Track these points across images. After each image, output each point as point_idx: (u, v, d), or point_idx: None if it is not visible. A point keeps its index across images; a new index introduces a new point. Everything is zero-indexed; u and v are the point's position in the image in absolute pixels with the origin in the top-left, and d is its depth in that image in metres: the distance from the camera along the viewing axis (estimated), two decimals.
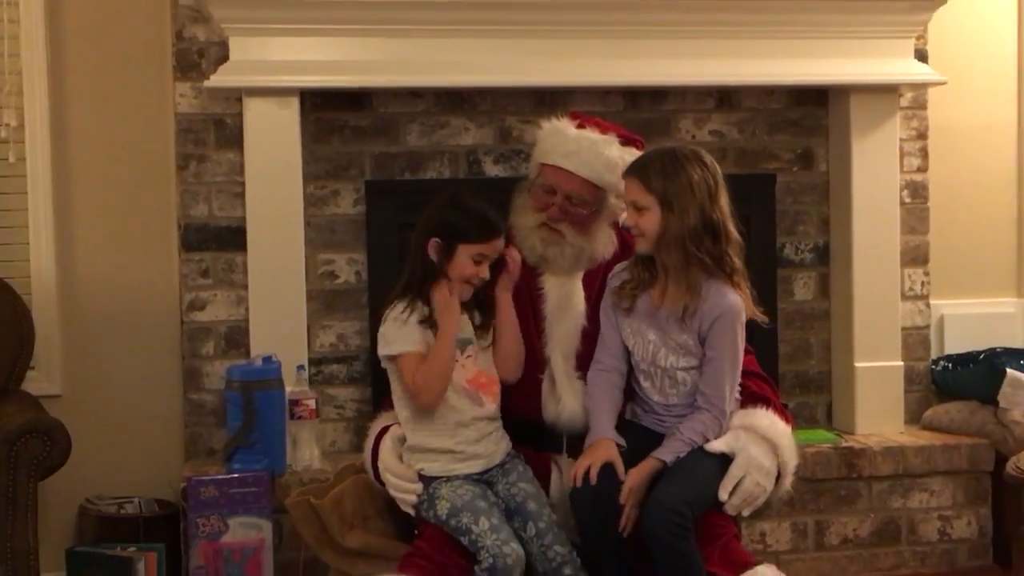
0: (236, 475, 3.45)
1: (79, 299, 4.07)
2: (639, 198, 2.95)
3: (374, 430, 3.15)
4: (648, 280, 3.01)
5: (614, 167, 3.09)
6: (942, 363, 4.39)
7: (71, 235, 4.07)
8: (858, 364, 4.27)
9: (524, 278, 3.13)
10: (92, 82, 4.06)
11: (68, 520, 3.96)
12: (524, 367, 3.09)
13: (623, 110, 4.18)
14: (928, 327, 4.42)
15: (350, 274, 4.09)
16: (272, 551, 3.44)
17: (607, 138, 3.15)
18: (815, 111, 4.34)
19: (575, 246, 3.16)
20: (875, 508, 4.10)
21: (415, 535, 3.00)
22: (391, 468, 3.02)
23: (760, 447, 2.98)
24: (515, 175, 3.93)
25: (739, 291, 2.97)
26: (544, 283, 3.18)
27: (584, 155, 3.12)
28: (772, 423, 3.03)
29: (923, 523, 4.13)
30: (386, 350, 3.00)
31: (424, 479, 2.98)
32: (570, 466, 3.01)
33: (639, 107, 4.21)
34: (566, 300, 3.17)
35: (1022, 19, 4.57)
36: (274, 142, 3.93)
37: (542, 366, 3.15)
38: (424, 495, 2.97)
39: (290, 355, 3.82)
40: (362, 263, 4.09)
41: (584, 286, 3.18)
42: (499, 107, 4.14)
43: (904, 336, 4.35)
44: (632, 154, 3.12)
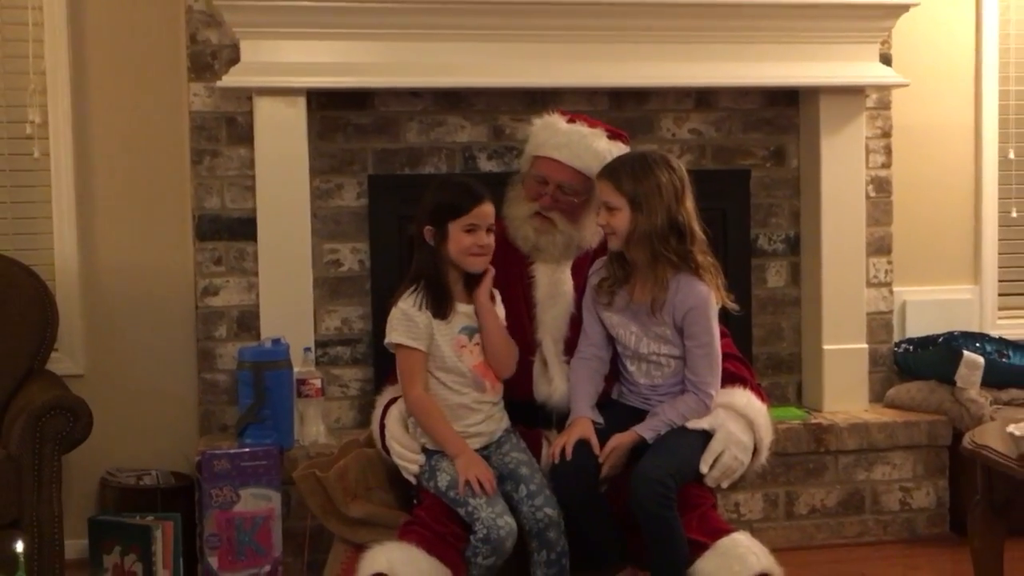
0: (247, 449, 3.49)
1: (100, 285, 4.15)
2: (611, 199, 2.98)
3: (381, 401, 3.15)
4: (623, 277, 3.03)
5: (602, 159, 3.10)
6: (904, 345, 4.48)
7: (92, 225, 4.14)
8: (826, 346, 4.34)
9: (516, 266, 3.17)
10: (112, 82, 4.13)
11: (90, 491, 4.05)
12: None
13: (608, 109, 4.21)
14: (891, 312, 4.48)
15: (353, 262, 4.14)
16: (280, 520, 3.48)
17: (596, 131, 3.18)
18: (787, 111, 4.39)
19: (565, 234, 3.17)
20: (841, 480, 4.17)
21: (414, 505, 3.02)
22: (397, 437, 3.02)
23: (738, 424, 3.01)
24: (508, 170, 4.00)
25: (708, 282, 2.99)
26: (535, 271, 3.20)
27: (575, 147, 3.14)
28: (749, 402, 3.06)
29: (885, 494, 4.20)
30: (389, 337, 3.00)
31: (427, 451, 2.98)
32: None
33: (623, 107, 4.26)
34: (555, 287, 3.18)
35: (980, 26, 4.62)
36: (282, 139, 3.97)
37: (533, 349, 3.15)
38: (426, 466, 2.97)
39: (298, 337, 3.89)
40: (365, 252, 4.13)
41: (572, 274, 3.20)
42: (493, 106, 4.18)
43: (869, 320, 4.40)
44: (619, 147, 3.16)
